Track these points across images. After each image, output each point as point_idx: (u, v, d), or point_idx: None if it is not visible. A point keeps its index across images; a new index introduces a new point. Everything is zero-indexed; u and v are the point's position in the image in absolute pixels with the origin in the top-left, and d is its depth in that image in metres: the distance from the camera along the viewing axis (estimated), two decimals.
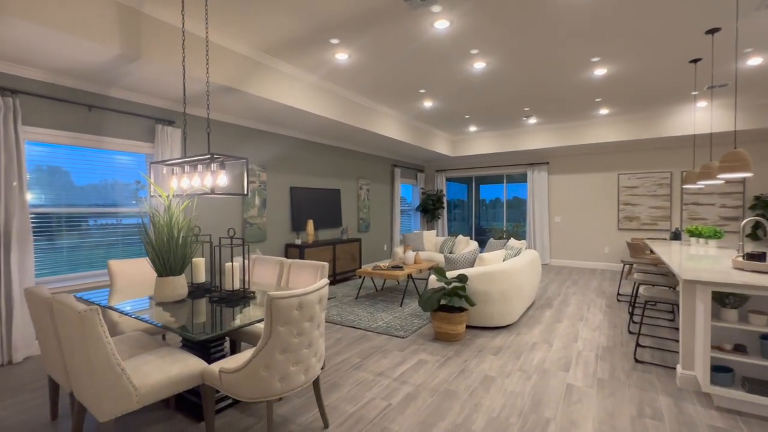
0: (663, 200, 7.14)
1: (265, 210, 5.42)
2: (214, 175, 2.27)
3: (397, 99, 5.69)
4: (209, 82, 3.60)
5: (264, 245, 5.42)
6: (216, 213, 4.77)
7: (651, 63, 4.29)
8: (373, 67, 4.41)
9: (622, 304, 4.93)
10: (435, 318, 3.60)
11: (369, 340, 3.62)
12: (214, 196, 2.32)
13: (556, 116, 6.74)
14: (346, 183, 7.12)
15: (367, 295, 5.41)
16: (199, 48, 3.49)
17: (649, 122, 6.46)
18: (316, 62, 4.25)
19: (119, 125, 3.86)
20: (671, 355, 3.18)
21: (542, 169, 8.29)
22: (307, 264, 3.03)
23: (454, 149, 8.57)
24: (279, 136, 5.68)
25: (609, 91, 5.33)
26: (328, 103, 4.99)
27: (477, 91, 5.30)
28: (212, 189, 2.25)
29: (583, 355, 3.22)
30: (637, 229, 7.39)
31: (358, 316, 4.34)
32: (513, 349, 3.36)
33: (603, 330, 3.88)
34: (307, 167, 6.24)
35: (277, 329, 1.81)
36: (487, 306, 3.83)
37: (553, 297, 5.31)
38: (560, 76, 4.70)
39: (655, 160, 7.25)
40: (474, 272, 3.87)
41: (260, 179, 5.33)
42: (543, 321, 4.19)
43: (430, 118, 6.86)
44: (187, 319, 2.05)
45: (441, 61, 4.25)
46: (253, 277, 3.37)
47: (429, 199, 9.28)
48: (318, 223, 6.29)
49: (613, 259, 7.66)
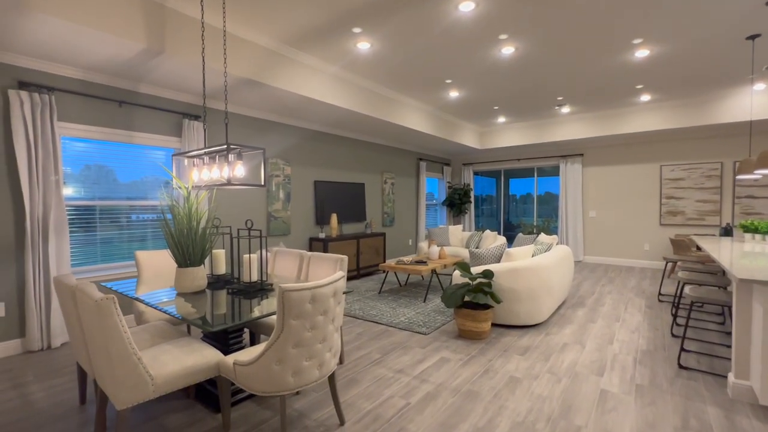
0: (712, 193, 6.58)
1: (290, 204, 5.45)
2: (231, 165, 2.25)
3: (422, 89, 5.53)
4: (228, 74, 3.62)
5: (288, 239, 5.46)
6: (240, 207, 4.84)
7: (701, 42, 3.91)
8: (396, 56, 4.29)
9: (665, 305, 4.57)
10: (458, 315, 3.47)
11: (390, 335, 3.55)
12: (232, 187, 2.30)
13: (591, 104, 6.35)
14: (370, 177, 7.06)
15: (390, 290, 5.33)
16: (221, 41, 3.50)
17: (697, 108, 5.95)
18: (338, 52, 4.18)
19: (148, 120, 3.97)
20: (721, 362, 2.89)
21: (576, 161, 7.87)
22: (326, 257, 2.98)
23: (482, 142, 8.30)
24: (302, 130, 5.68)
25: (652, 76, 4.93)
26: (350, 95, 4.92)
27: (506, 79, 5.06)
28: (229, 180, 2.23)
29: (620, 359, 2.99)
30: (682, 225, 6.86)
31: (380, 311, 4.27)
32: (541, 350, 3.17)
33: (642, 332, 3.60)
34: (331, 161, 6.21)
35: (289, 323, 1.76)
36: (514, 304, 3.65)
37: (587, 295, 5.02)
38: (597, 60, 4.39)
39: (703, 150, 6.68)
40: (500, 268, 3.69)
41: (284, 173, 5.36)
42: (575, 321, 3.95)
43: (456, 109, 6.65)
44: (204, 310, 2.05)
45: (467, 48, 4.06)
46: (274, 269, 3.37)
47: (455, 193, 9.06)
48: (342, 217, 6.27)
49: (653, 256, 7.16)
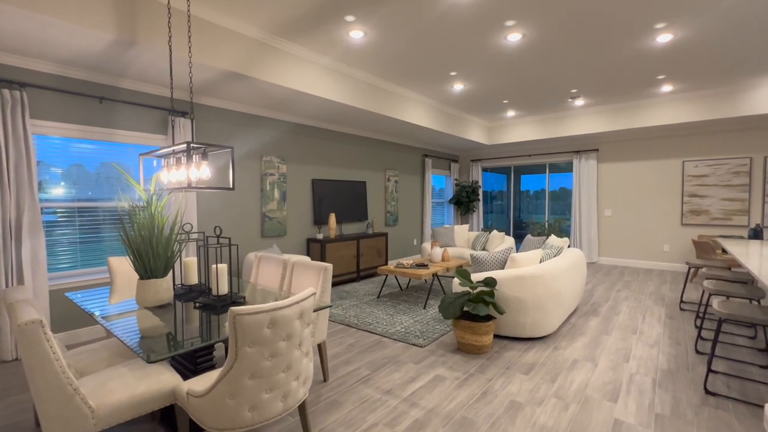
0: (740, 191, 6.10)
1: (285, 203, 5.23)
2: (190, 167, 2.00)
3: (425, 82, 5.22)
4: (211, 67, 3.39)
5: (284, 240, 5.24)
6: (233, 207, 4.63)
7: (733, 22, 3.50)
8: (393, 46, 3.99)
9: (687, 314, 4.19)
10: (457, 327, 3.18)
11: (384, 347, 3.29)
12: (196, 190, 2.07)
13: (608, 96, 5.93)
14: (372, 174, 6.79)
15: (390, 294, 5.07)
16: (202, 32, 3.27)
17: (724, 99, 5.48)
18: (331, 42, 3.91)
19: (131, 117, 3.77)
20: (754, 387, 2.55)
21: (590, 157, 7.43)
22: (310, 265, 2.73)
23: (491, 137, 7.93)
24: (298, 125, 5.44)
25: (675, 64, 4.51)
26: (346, 88, 4.65)
27: (514, 70, 4.71)
28: (190, 183, 1.99)
29: (637, 380, 2.67)
30: (706, 225, 6.40)
31: (376, 318, 4.01)
32: (548, 368, 2.87)
33: (662, 347, 3.25)
34: (330, 158, 5.96)
35: (244, 351, 1.51)
36: (520, 314, 3.34)
37: (601, 302, 4.66)
38: (614, 48, 4.00)
39: (730, 144, 6.19)
40: (504, 275, 3.39)
41: (279, 171, 5.13)
42: (587, 332, 3.62)
43: (463, 103, 6.31)
44: (163, 328, 1.82)
45: (470, 36, 3.74)
46: (257, 277, 3.14)
47: (463, 190, 8.72)
48: (342, 216, 6.02)
49: (674, 258, 6.72)
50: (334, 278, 5.45)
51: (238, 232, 4.69)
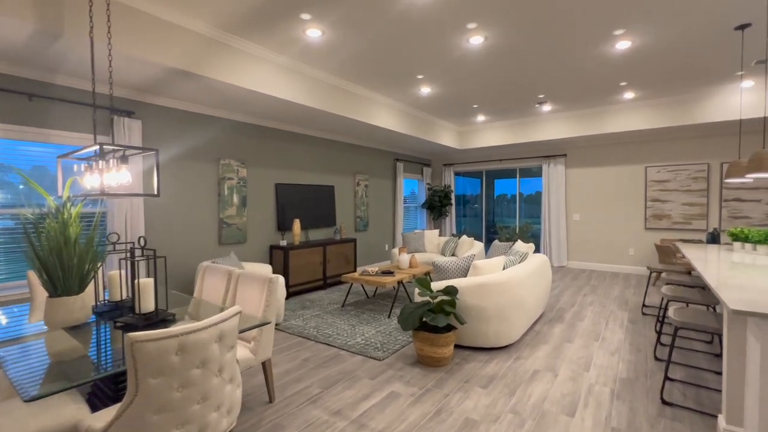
0: (698, 196, 6.28)
1: (246, 209, 4.98)
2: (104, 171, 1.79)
3: (392, 85, 5.11)
4: (156, 64, 3.15)
5: (244, 247, 4.99)
6: (188, 214, 4.36)
7: (686, 32, 3.55)
8: (353, 47, 3.86)
9: (649, 318, 4.22)
10: (417, 338, 3.05)
11: (340, 361, 3.11)
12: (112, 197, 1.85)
13: (574, 103, 5.99)
14: (341, 178, 6.62)
15: (356, 302, 4.90)
16: (142, 26, 3.03)
17: (682, 107, 5.62)
18: (287, 41, 3.74)
19: (68, 117, 3.47)
20: (709, 395, 2.52)
21: (559, 162, 7.52)
22: (255, 276, 2.54)
23: (462, 141, 7.91)
24: (259, 127, 5.21)
25: (635, 71, 4.57)
26: (307, 89, 4.48)
27: (480, 73, 4.66)
28: (103, 189, 1.78)
29: (596, 391, 2.60)
30: (668, 229, 6.55)
31: (336, 330, 3.83)
32: (508, 380, 2.77)
33: (623, 354, 3.22)
34: (296, 162, 5.76)
35: (146, 383, 1.32)
36: (482, 324, 3.24)
37: (567, 308, 4.65)
38: (576, 53, 4.01)
39: (689, 151, 6.37)
40: (465, 283, 3.29)
41: (239, 175, 4.89)
42: (550, 340, 3.56)
43: (432, 107, 6.24)
44: (65, 354, 1.59)
45: (432, 38, 3.65)
46: (202, 290, 2.91)
47: (435, 195, 8.67)
48: (308, 222, 5.82)
49: (638, 262, 6.85)
50: (298, 286, 5.24)
51: (193, 239, 4.42)
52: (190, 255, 4.39)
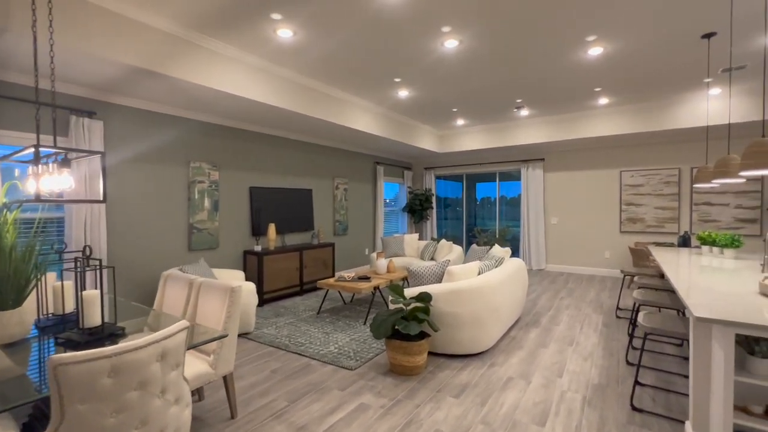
0: (670, 200, 6.43)
1: (218, 213, 4.82)
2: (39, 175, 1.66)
3: (369, 88, 5.05)
4: (115, 62, 3.00)
5: (216, 253, 4.82)
6: (155, 219, 4.18)
7: (655, 40, 3.61)
8: (326, 48, 3.78)
9: (622, 322, 4.26)
10: (389, 347, 2.97)
11: (310, 372, 3.01)
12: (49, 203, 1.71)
13: (550, 108, 6.06)
14: (319, 182, 6.51)
15: (333, 309, 4.79)
16: (101, 22, 2.88)
17: (654, 113, 5.75)
18: (258, 40, 3.63)
19: (21, 117, 3.27)
20: (678, 400, 2.53)
21: (537, 166, 7.60)
22: (216, 286, 2.42)
23: (442, 145, 7.91)
24: (232, 129, 5.07)
25: (608, 77, 4.64)
26: (281, 91, 4.37)
27: (458, 77, 4.64)
28: (38, 195, 1.64)
29: (567, 399, 2.57)
30: (642, 232, 6.69)
31: (309, 338, 3.72)
32: (481, 389, 2.72)
33: (596, 359, 3.22)
34: (271, 165, 5.62)
35: (73, 410, 1.20)
36: (456, 330, 3.19)
37: (543, 312, 4.66)
38: (551, 58, 4.03)
39: (661, 156, 6.53)
40: (439, 290, 3.23)
41: (210, 178, 4.73)
42: (525, 346, 3.54)
43: (412, 110, 6.21)
44: None
45: (407, 41, 3.60)
46: (163, 300, 2.77)
47: (416, 198, 8.64)
48: (284, 226, 5.68)
49: (614, 265, 6.96)
50: (273, 293, 5.09)
51: (161, 246, 4.23)
52: (157, 262, 4.20)
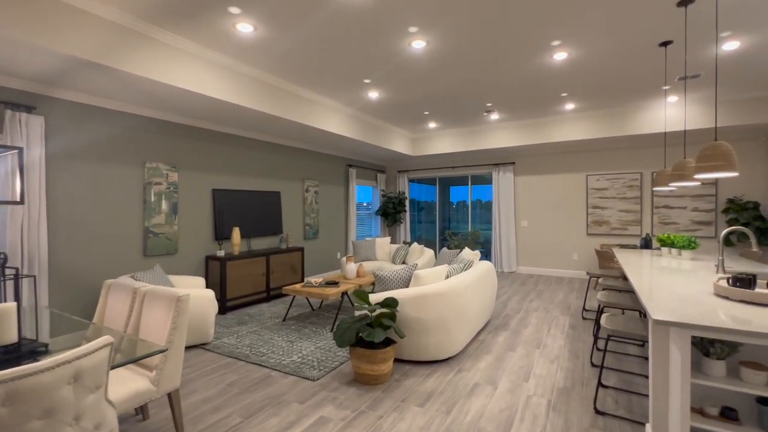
0: (633, 203, 6.65)
1: (177, 217, 4.56)
2: None
3: (338, 89, 4.94)
4: (55, 52, 2.76)
5: (174, 259, 4.56)
6: (104, 223, 3.89)
7: (616, 47, 3.69)
8: (290, 45, 3.65)
9: (588, 322, 4.32)
10: (353, 355, 2.86)
11: (270, 384, 2.84)
12: None
13: (520, 112, 6.14)
14: (288, 184, 6.32)
15: (300, 315, 4.62)
16: (49, 9, 2.64)
17: (617, 119, 5.93)
18: (217, 35, 3.45)
19: None
20: (640, 402, 2.54)
21: (508, 169, 7.70)
22: (161, 294, 2.23)
23: (415, 148, 7.89)
24: (193, 129, 4.83)
25: (574, 83, 4.73)
26: (245, 89, 4.19)
27: (427, 80, 4.61)
28: None
29: (533, 403, 2.54)
30: (607, 234, 6.88)
31: (272, 347, 3.55)
32: (447, 396, 2.65)
33: (562, 361, 3.22)
34: (236, 166, 5.40)
35: None
36: (422, 336, 3.11)
37: (512, 314, 4.66)
38: (518, 62, 4.06)
39: (624, 160, 6.75)
40: (405, 294, 3.15)
41: (169, 180, 4.47)
42: (494, 349, 3.51)
43: (383, 113, 6.14)
44: None
45: (373, 40, 3.52)
46: (105, 312, 2.54)
47: (389, 202, 8.57)
48: (250, 230, 5.46)
49: (582, 266, 7.12)
50: (237, 300, 4.87)
51: (112, 252, 3.95)
52: (107, 270, 3.92)
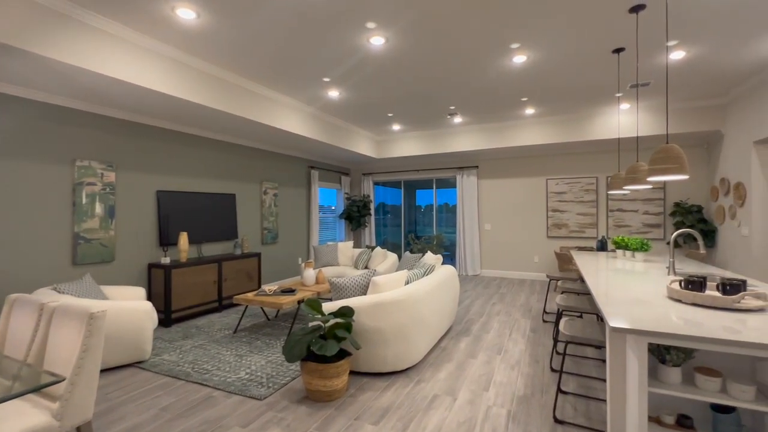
0: (590, 207, 6.86)
1: (114, 221, 4.14)
2: None
3: (297, 87, 4.70)
4: None
5: (111, 267, 4.13)
6: (22, 228, 3.43)
7: (572, 50, 3.72)
8: (239, 36, 3.39)
9: (548, 325, 4.33)
10: (304, 370, 2.64)
11: (210, 405, 2.56)
12: None
13: (483, 116, 6.16)
14: (244, 186, 5.98)
15: (253, 326, 4.32)
16: None
17: (575, 125, 6.09)
18: (153, 19, 3.14)
19: None
20: (598, 408, 2.50)
21: (471, 173, 7.74)
22: (72, 312, 1.92)
23: (379, 151, 7.76)
24: (133, 125, 4.42)
25: (533, 87, 4.77)
26: (194, 84, 3.88)
27: (388, 79, 4.48)
28: None
29: (492, 414, 2.43)
30: (566, 237, 7.05)
31: (218, 363, 3.25)
32: (404, 411, 2.49)
33: (522, 367, 3.16)
34: (185, 167, 5.02)
35: None
36: (380, 347, 2.94)
37: (475, 319, 4.60)
38: (478, 63, 4.01)
39: (581, 165, 6.96)
40: (362, 303, 2.97)
41: (104, 180, 4.05)
42: (455, 357, 3.40)
43: (346, 113, 5.96)
44: None
45: (330, 33, 3.34)
46: (6, 334, 2.17)
47: (354, 205, 8.38)
48: (201, 235, 5.08)
49: (543, 269, 7.26)
50: (184, 311, 4.49)
51: (33, 260, 3.49)
52: (25, 281, 3.45)
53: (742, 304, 1.85)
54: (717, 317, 1.74)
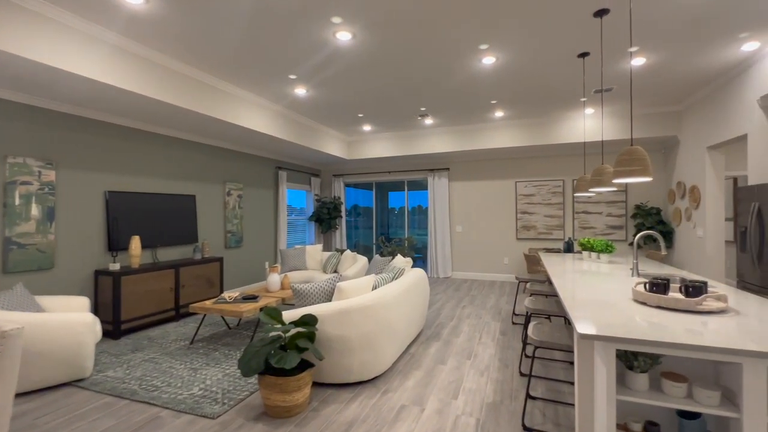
0: (557, 209, 7.00)
1: (54, 224, 3.76)
2: None
3: (262, 83, 4.48)
4: None
5: (50, 275, 3.75)
6: None
7: (540, 54, 3.73)
8: (194, 25, 3.16)
9: (518, 327, 4.32)
10: (262, 385, 2.45)
11: (156, 428, 2.32)
12: None
13: (453, 118, 6.15)
14: (205, 187, 5.66)
15: (212, 336, 4.05)
16: None
17: (542, 128, 6.19)
18: (95, 4, 2.86)
19: None
20: (566, 413, 2.46)
21: (443, 175, 7.73)
22: None
23: (350, 152, 7.61)
24: (78, 119, 4.06)
25: (502, 90, 4.78)
26: (145, 76, 3.59)
27: (356, 77, 4.35)
28: None
29: (461, 424, 2.34)
30: (534, 239, 7.16)
31: (169, 378, 2.99)
32: (369, 424, 2.35)
33: (492, 372, 3.10)
34: (139, 165, 4.67)
35: None
36: (345, 356, 2.79)
37: (446, 322, 4.54)
38: (448, 64, 3.95)
39: (549, 168, 7.09)
40: (326, 310, 2.81)
41: (42, 179, 3.68)
42: (424, 364, 3.30)
43: (315, 113, 5.77)
44: None
45: (293, 26, 3.17)
46: None
47: (324, 207, 8.17)
48: (156, 239, 4.74)
49: (512, 270, 7.33)
50: (136, 321, 4.15)
51: None
52: None
53: (704, 306, 1.85)
54: (681, 320, 1.72)
